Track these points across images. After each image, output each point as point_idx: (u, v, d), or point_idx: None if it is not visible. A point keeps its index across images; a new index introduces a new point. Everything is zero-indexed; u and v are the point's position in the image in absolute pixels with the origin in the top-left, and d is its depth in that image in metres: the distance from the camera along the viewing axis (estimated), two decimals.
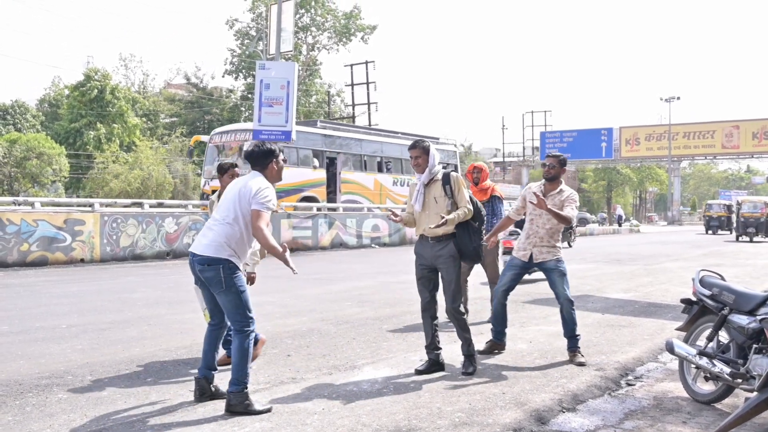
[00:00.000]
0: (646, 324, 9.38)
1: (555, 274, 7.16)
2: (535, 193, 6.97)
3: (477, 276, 10.66)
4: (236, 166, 6.90)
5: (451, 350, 7.38)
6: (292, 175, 25.87)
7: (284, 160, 5.63)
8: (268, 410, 5.19)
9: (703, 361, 5.42)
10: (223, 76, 53.19)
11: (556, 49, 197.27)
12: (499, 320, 7.37)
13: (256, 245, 5.82)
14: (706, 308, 5.84)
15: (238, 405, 5.11)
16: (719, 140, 57.39)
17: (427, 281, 6.47)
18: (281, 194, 22.78)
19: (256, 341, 5.90)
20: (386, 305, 10.62)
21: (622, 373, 6.72)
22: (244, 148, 5.51)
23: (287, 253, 5.17)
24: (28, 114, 54.90)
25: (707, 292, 5.79)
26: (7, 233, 15.84)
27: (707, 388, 5.71)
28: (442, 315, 6.66)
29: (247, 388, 5.17)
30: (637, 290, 12.75)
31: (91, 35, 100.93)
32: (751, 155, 58.14)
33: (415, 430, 4.80)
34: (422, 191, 6.40)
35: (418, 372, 6.35)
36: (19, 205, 18.50)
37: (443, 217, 6.15)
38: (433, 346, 6.50)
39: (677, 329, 6.22)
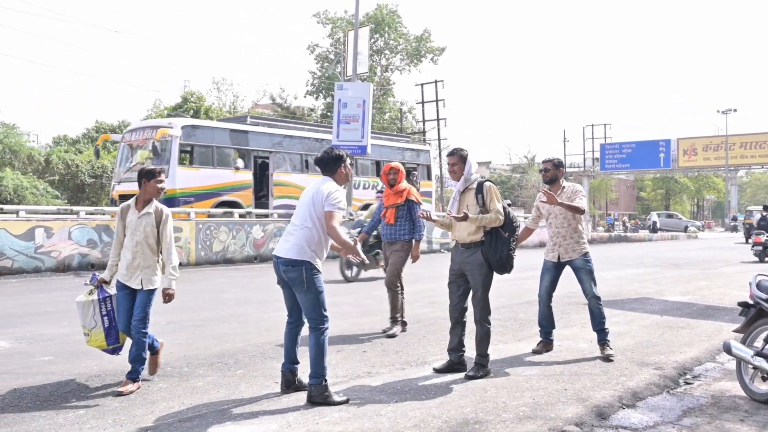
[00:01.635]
0: (704, 326, 9.13)
1: (582, 272, 7.10)
2: (544, 192, 6.87)
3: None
4: (162, 172, 5.95)
5: (516, 348, 7.35)
6: (203, 178, 21.71)
7: (351, 165, 5.74)
8: (346, 401, 5.24)
9: (761, 362, 5.30)
10: (305, 97, 53.82)
11: (616, 64, 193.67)
12: (546, 321, 7.30)
13: (173, 261, 5.77)
14: (762, 311, 5.68)
15: (318, 396, 5.19)
16: None
17: (455, 286, 6.31)
18: (190, 199, 20.99)
19: (155, 350, 5.94)
20: None
21: (680, 372, 6.56)
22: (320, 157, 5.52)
23: (358, 246, 5.33)
24: None
25: (764, 296, 5.64)
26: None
27: (765, 387, 5.55)
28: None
29: (326, 380, 5.24)
30: (695, 293, 12.42)
31: (187, 62, 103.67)
32: None
33: (482, 423, 4.78)
34: (457, 198, 6.29)
35: (436, 371, 6.25)
36: None
37: (466, 214, 5.98)
38: (456, 349, 6.33)
39: (734, 331, 6.05)
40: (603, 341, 7.05)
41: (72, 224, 15.59)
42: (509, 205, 6.27)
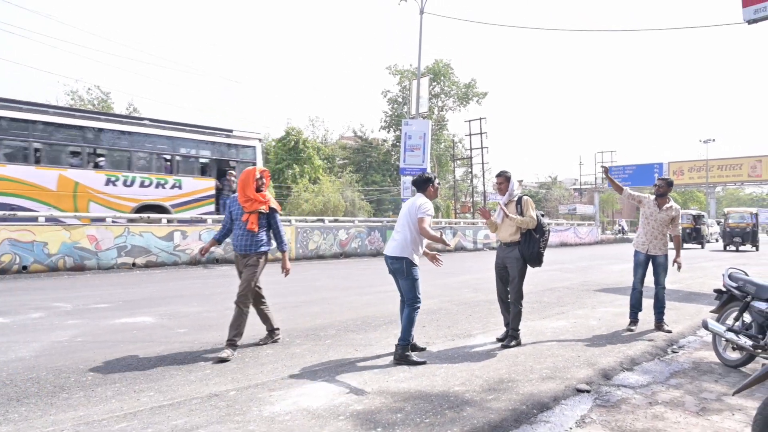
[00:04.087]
0: (687, 308, 8.86)
1: (660, 267, 7.09)
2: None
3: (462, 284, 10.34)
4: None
5: (541, 325, 7.29)
6: None
7: (439, 184, 5.80)
8: (423, 362, 5.30)
9: (731, 336, 5.18)
10: (379, 130, 53.89)
11: (623, 102, 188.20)
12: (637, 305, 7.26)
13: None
14: (733, 296, 5.56)
15: (401, 356, 5.31)
16: (746, 171, 53.36)
17: (500, 275, 6.27)
18: None
19: None
20: (495, 292, 10.49)
21: (669, 343, 6.42)
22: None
23: (443, 235, 5.41)
24: None
25: (734, 284, 5.52)
26: None
27: (734, 356, 5.43)
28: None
29: (409, 344, 5.35)
30: (681, 282, 12.01)
31: (289, 103, 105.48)
32: None
33: (513, 381, 4.79)
34: (503, 208, 6.24)
35: (498, 340, 6.23)
36: None
37: (507, 215, 6.02)
38: (508, 324, 6.26)
39: (711, 312, 5.89)
40: (661, 321, 7.11)
41: (201, 228, 15.75)
42: (542, 215, 6.24)
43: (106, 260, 13.86)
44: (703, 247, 30.25)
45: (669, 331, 6.87)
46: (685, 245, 29.34)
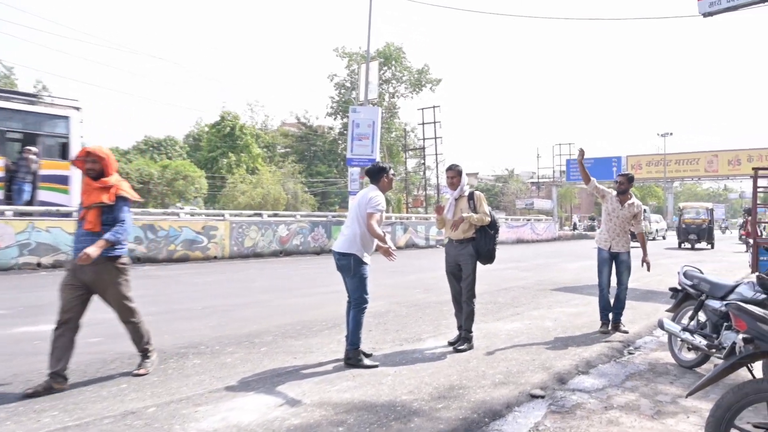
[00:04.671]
0: (644, 307, 9.18)
1: (623, 265, 7.27)
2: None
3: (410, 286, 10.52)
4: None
5: (495, 327, 7.40)
6: None
7: (394, 175, 5.79)
8: (376, 366, 5.37)
9: (686, 336, 5.37)
10: (325, 117, 53.66)
11: (581, 93, 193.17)
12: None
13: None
14: (688, 294, 5.76)
15: (353, 359, 5.36)
16: (702, 166, 55.97)
17: (453, 274, 6.31)
18: None
19: None
20: (447, 293, 10.56)
21: (625, 344, 6.63)
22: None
23: (387, 237, 5.42)
24: (176, 146, 55.32)
25: (689, 283, 5.72)
26: (158, 236, 15.84)
27: (689, 356, 5.65)
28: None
29: (359, 347, 5.41)
30: (638, 281, 12.44)
31: (225, 87, 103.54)
32: (727, 177, 56.32)
33: (465, 388, 4.84)
34: (453, 203, 6.28)
35: (450, 343, 6.28)
36: (169, 215, 18.65)
37: (463, 217, 6.04)
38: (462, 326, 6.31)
39: (667, 311, 6.10)
40: (618, 322, 7.29)
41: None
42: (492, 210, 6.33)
43: (4, 260, 13.14)
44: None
45: (626, 332, 7.11)
46: (703, 241, 28.60)
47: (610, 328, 7.22)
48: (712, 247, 28.19)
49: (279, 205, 39.30)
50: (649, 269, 7.25)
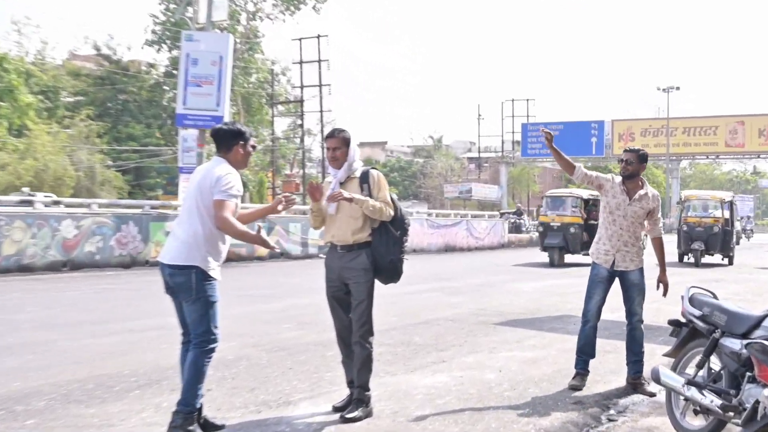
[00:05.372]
0: None
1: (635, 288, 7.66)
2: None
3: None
4: None
5: (407, 381, 7.48)
6: None
7: (253, 146, 5.77)
8: None
9: (693, 392, 5.51)
10: (142, 48, 52.63)
11: (541, 30, 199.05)
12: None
13: None
14: (696, 331, 5.95)
15: (180, 428, 5.25)
16: (722, 137, 57.93)
17: (338, 300, 6.32)
18: None
19: None
20: (331, 328, 10.59)
21: (603, 406, 6.84)
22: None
23: (263, 233, 5.46)
24: None
25: (698, 313, 5.89)
26: None
27: (697, 423, 5.78)
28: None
29: (195, 411, 5.32)
30: (623, 310, 12.89)
31: None
32: (757, 155, 58.71)
33: None
34: (337, 190, 6.17)
35: (336, 409, 6.31)
36: None
37: (352, 197, 5.96)
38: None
39: (665, 355, 6.34)
40: (639, 374, 7.46)
41: None
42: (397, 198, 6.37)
43: None
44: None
45: (652, 394, 7.23)
46: (570, 257, 26.80)
47: (626, 382, 7.49)
48: (730, 263, 27.68)
49: (64, 188, 38.23)
50: (666, 293, 7.55)
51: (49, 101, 50.58)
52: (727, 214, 27.59)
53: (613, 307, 13.11)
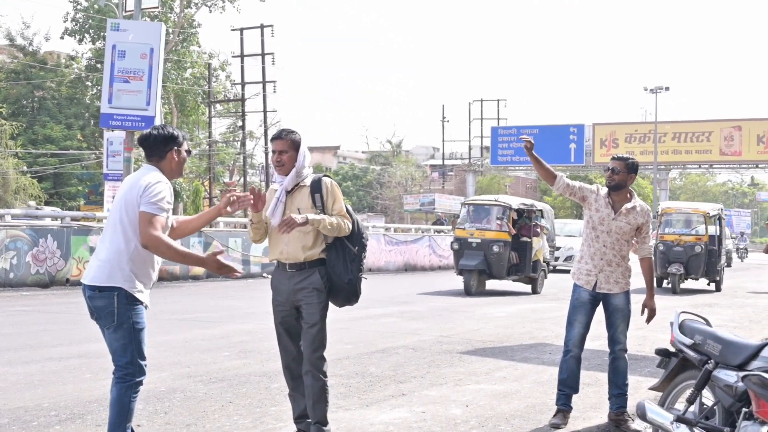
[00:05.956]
0: None
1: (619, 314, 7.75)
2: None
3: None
4: None
5: (362, 417, 7.49)
6: None
7: (188, 152, 5.68)
8: None
9: (682, 430, 5.54)
10: (61, 38, 52.20)
11: (514, 23, 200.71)
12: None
13: None
14: (687, 361, 5.98)
15: None
16: (717, 144, 58.43)
17: (287, 327, 6.30)
18: None
19: None
20: (276, 357, 10.57)
21: None
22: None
23: (222, 256, 5.34)
24: None
25: (688, 341, 5.92)
26: None
27: None
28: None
29: None
30: (604, 338, 12.99)
31: None
32: (755, 164, 59.21)
33: None
34: (283, 200, 6.15)
35: None
36: None
37: (306, 218, 5.87)
38: (305, 416, 6.31)
39: (651, 388, 6.36)
40: (623, 409, 7.48)
41: None
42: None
43: None
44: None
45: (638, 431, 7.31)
46: (493, 283, 24.35)
47: (608, 419, 7.53)
48: (717, 289, 26.93)
49: None
50: (650, 319, 7.66)
51: None
52: (712, 230, 26.50)
53: (594, 335, 13.29)
